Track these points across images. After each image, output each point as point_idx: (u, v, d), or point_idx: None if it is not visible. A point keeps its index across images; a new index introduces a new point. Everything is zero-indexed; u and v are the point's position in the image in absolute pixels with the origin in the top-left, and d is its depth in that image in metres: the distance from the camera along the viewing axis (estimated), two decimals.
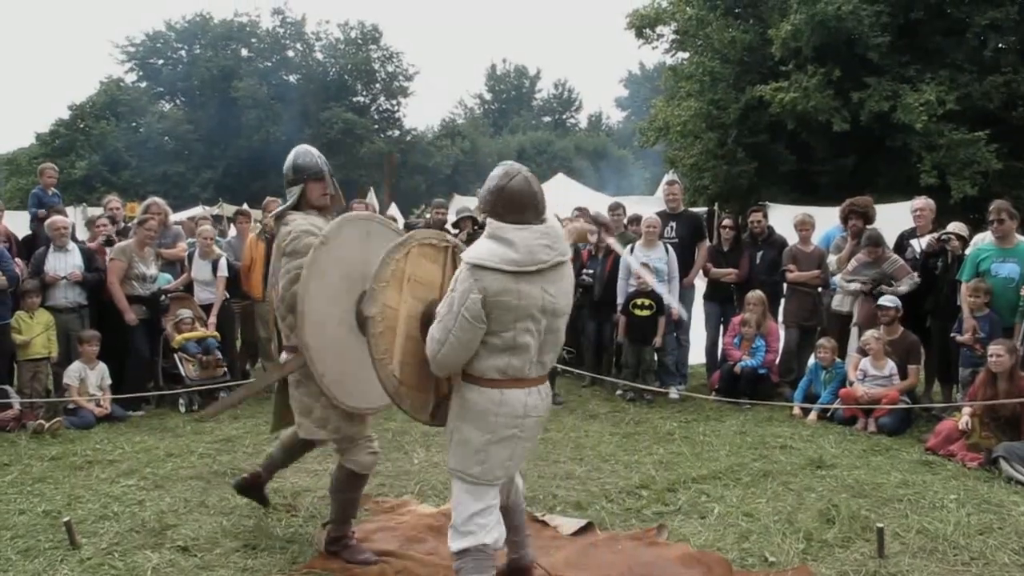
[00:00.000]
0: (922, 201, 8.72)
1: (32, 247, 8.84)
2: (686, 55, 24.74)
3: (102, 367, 8.10)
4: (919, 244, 8.41)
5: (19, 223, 10.90)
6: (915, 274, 8.12)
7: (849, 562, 4.51)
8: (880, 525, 4.70)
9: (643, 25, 24.28)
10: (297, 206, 4.54)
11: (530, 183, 3.47)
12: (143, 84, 51.95)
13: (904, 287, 8.07)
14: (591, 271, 9.46)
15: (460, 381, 3.55)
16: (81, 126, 43.72)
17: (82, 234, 11.41)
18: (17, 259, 8.34)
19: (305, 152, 4.63)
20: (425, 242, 3.83)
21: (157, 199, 9.54)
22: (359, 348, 3.94)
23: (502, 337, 3.42)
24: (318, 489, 5.67)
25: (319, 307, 4.06)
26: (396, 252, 3.67)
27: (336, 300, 4.13)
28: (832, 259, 8.75)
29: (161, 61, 53.00)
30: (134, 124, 46.35)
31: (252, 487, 5.21)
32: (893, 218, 9.68)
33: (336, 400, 4.23)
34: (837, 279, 8.64)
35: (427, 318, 3.64)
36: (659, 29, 24.61)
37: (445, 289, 3.60)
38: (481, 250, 3.42)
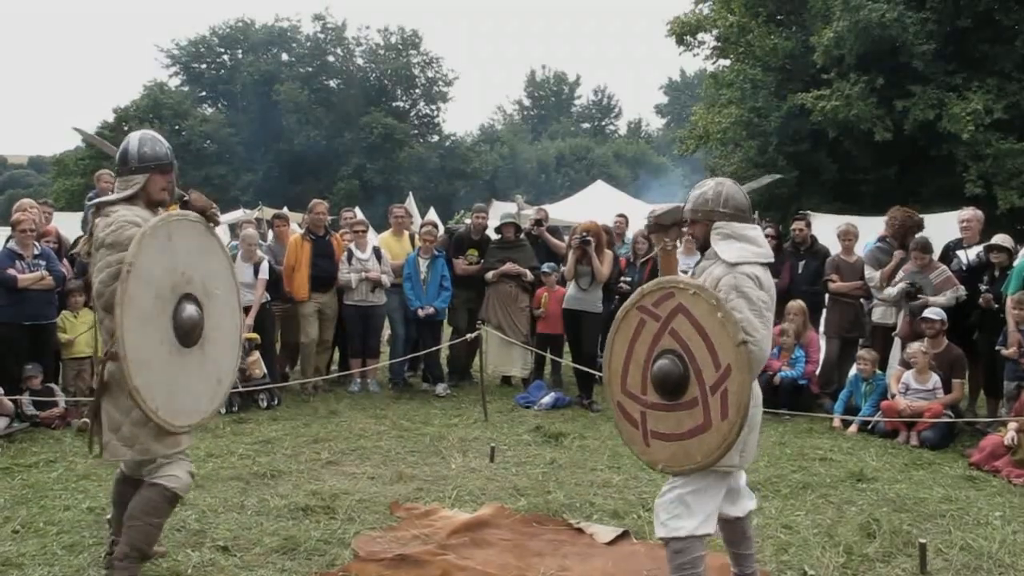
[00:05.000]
0: (970, 212, 8.57)
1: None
2: (727, 62, 24.59)
3: None
4: (966, 256, 8.27)
5: (66, 224, 11.05)
6: (961, 287, 7.97)
7: None
8: (922, 541, 4.64)
9: (684, 32, 24.17)
10: (132, 198, 4.00)
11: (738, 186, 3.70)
12: (186, 88, 52.77)
13: (943, 299, 7.92)
14: (629, 279, 9.41)
15: None
16: (125, 129, 44.30)
17: None
18: (65, 260, 8.48)
19: (153, 139, 4.10)
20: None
21: None
22: (181, 362, 3.92)
23: (768, 327, 3.49)
24: (356, 492, 5.71)
25: (138, 342, 3.71)
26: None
27: (151, 322, 3.80)
28: (875, 274, 8.56)
29: (204, 65, 53.86)
30: (177, 127, 46.99)
31: None
32: (939, 228, 9.52)
33: (170, 427, 3.87)
34: (882, 294, 8.48)
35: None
36: (700, 36, 24.49)
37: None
38: (734, 252, 3.50)
